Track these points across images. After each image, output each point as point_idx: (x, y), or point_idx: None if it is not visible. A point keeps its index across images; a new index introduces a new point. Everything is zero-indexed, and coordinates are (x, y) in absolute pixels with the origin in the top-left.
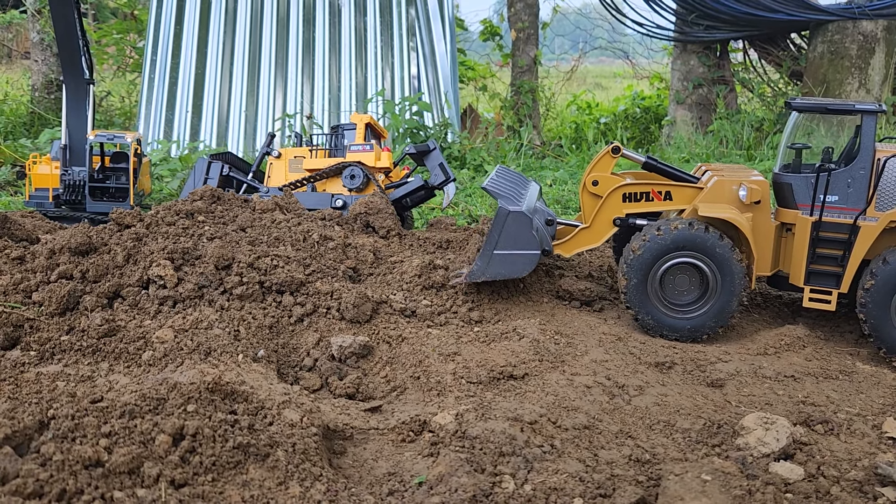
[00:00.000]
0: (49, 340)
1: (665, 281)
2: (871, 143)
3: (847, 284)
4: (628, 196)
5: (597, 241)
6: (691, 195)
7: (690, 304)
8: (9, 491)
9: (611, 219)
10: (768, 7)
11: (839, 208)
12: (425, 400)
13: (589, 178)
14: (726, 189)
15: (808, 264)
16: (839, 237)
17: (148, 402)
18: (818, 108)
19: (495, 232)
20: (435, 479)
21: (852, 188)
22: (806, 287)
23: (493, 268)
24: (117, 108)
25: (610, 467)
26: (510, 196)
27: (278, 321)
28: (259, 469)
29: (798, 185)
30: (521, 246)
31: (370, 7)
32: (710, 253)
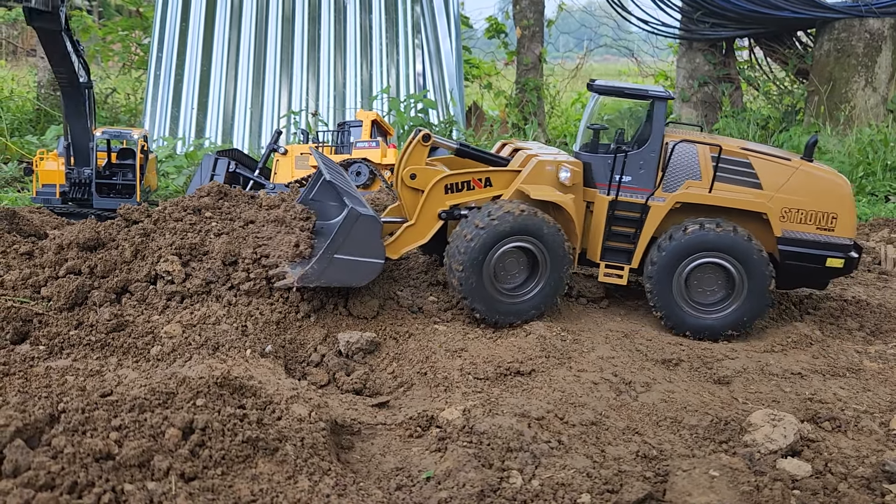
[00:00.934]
0: (58, 335)
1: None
2: (661, 127)
3: (637, 260)
4: (450, 187)
5: (424, 238)
6: (510, 179)
7: (521, 287)
8: (21, 483)
9: (436, 212)
10: (774, 5)
11: (633, 188)
12: (432, 395)
13: (406, 173)
14: (546, 171)
15: (605, 241)
16: (632, 216)
17: (157, 397)
18: (615, 90)
19: (341, 235)
20: (442, 474)
21: (644, 170)
22: (602, 262)
23: (331, 273)
24: (122, 105)
25: (617, 463)
26: (356, 196)
27: (285, 317)
28: (268, 463)
29: (596, 165)
30: (367, 253)
31: (375, 4)
32: (542, 236)
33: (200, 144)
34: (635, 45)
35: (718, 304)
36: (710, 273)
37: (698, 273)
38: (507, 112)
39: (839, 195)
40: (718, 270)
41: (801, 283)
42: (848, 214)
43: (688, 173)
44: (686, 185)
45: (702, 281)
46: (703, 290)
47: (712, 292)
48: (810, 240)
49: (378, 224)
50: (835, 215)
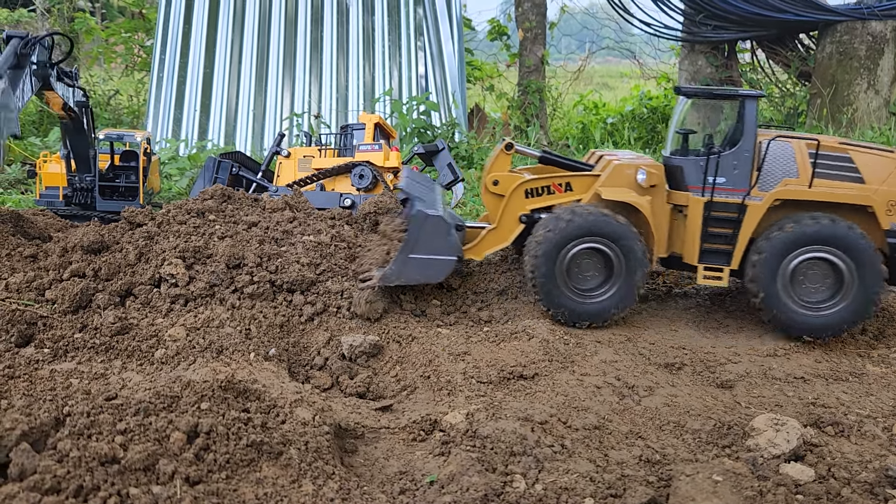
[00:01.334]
0: (62, 338)
1: (572, 268)
2: (753, 126)
3: (737, 261)
4: (530, 192)
5: (506, 241)
6: (590, 183)
7: (596, 289)
8: (27, 487)
9: (517, 216)
10: (777, 7)
11: (727, 189)
12: (436, 399)
13: (489, 179)
14: (625, 173)
15: (702, 243)
16: (729, 216)
17: (162, 400)
18: (704, 93)
19: (413, 236)
20: (446, 479)
21: (738, 170)
22: (700, 265)
23: (408, 272)
24: (125, 107)
25: (620, 467)
26: (426, 200)
27: (289, 320)
28: (272, 467)
29: (688, 168)
30: (438, 251)
31: (378, 7)
32: (613, 238)
33: (203, 146)
34: (637, 48)
35: (827, 300)
36: (815, 269)
37: (803, 269)
38: (510, 114)
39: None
40: (825, 266)
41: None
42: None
43: (784, 171)
44: (783, 183)
45: (808, 277)
46: (809, 286)
47: (820, 289)
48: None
49: (446, 223)
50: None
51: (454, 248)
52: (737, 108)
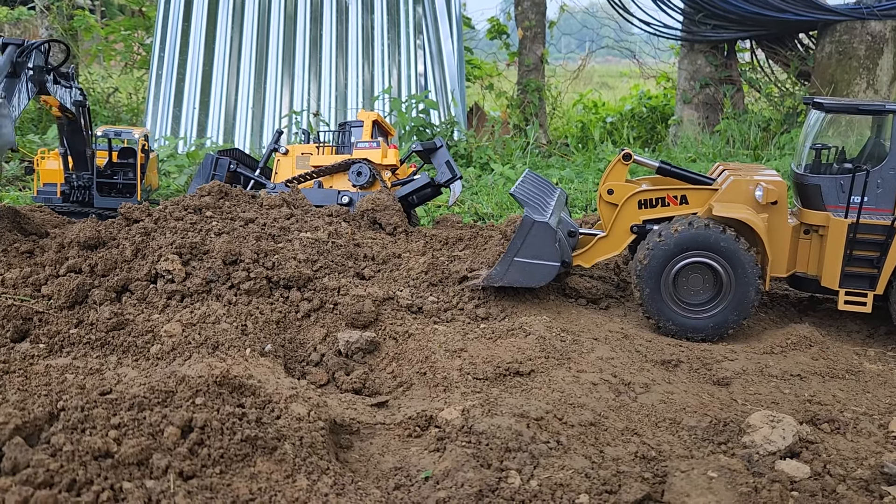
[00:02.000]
0: (58, 333)
1: (679, 282)
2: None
3: (883, 286)
4: (643, 203)
5: (616, 250)
6: (707, 197)
7: (706, 304)
8: (19, 480)
9: (628, 226)
10: (776, 7)
11: (871, 209)
12: (431, 395)
13: (604, 188)
14: (742, 189)
15: (844, 266)
16: (875, 239)
17: (157, 395)
18: (847, 108)
19: (518, 239)
20: (441, 474)
21: (882, 189)
22: (841, 290)
23: (512, 274)
24: (124, 105)
25: (616, 464)
26: (537, 205)
27: (285, 316)
28: (267, 462)
29: (827, 186)
30: (542, 256)
31: (377, 5)
32: (722, 253)
33: (202, 144)
34: (637, 47)
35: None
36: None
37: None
38: (509, 113)
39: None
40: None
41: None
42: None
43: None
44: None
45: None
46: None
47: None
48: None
49: (552, 230)
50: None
51: (557, 254)
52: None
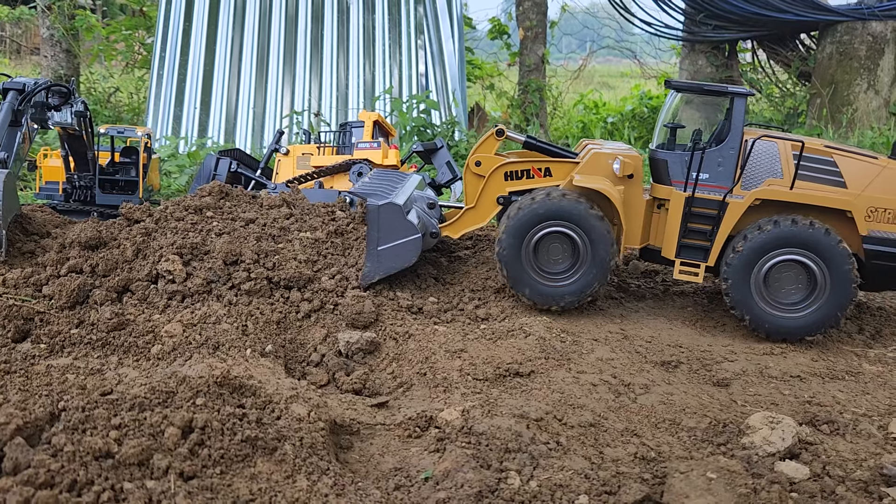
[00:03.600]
0: (59, 333)
1: (539, 251)
2: (741, 124)
3: (714, 258)
4: (510, 174)
5: (483, 220)
6: (570, 170)
7: (564, 273)
8: (20, 481)
9: (494, 197)
10: (777, 7)
11: (710, 185)
12: (431, 396)
13: (472, 160)
14: (602, 162)
15: (681, 238)
16: (709, 213)
17: (157, 395)
18: (694, 88)
19: (373, 230)
20: (441, 475)
21: (723, 167)
22: (677, 260)
23: (383, 264)
24: (126, 105)
25: (615, 465)
26: (377, 193)
27: (286, 317)
28: (267, 462)
29: (673, 162)
30: (401, 235)
31: (378, 5)
32: (580, 223)
33: (203, 144)
34: (638, 47)
35: (800, 303)
36: (790, 271)
37: (778, 271)
38: (510, 113)
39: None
40: (799, 268)
41: (890, 284)
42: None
43: (769, 171)
44: (766, 183)
45: (782, 280)
46: (783, 288)
47: (793, 291)
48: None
49: (397, 206)
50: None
51: (414, 228)
52: (727, 105)
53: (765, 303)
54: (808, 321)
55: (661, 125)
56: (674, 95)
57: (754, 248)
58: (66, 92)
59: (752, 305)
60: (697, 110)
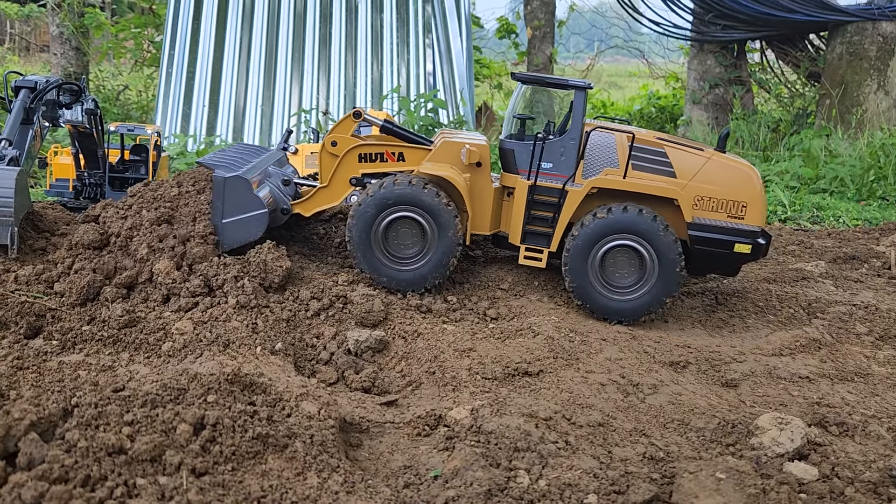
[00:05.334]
0: (71, 330)
1: (389, 236)
2: (581, 116)
3: (556, 244)
4: (364, 156)
5: (335, 200)
6: (422, 156)
7: (412, 257)
8: (35, 476)
9: (347, 178)
10: (787, 7)
11: (552, 174)
12: (440, 395)
13: (328, 139)
14: (452, 150)
15: (525, 225)
16: (551, 200)
17: (169, 392)
18: (538, 80)
19: (218, 201)
20: (450, 473)
21: (564, 157)
22: (522, 246)
23: (229, 236)
24: (134, 102)
25: (624, 464)
26: (227, 165)
27: (295, 315)
28: (278, 459)
29: (519, 151)
30: (246, 209)
31: (387, 4)
32: (427, 208)
33: (211, 142)
34: (646, 47)
35: (633, 285)
36: (623, 256)
37: (612, 256)
38: None
39: (749, 185)
40: (631, 253)
41: (712, 268)
42: (757, 203)
43: (606, 161)
44: (604, 172)
45: (616, 264)
46: (617, 272)
47: (626, 274)
48: (720, 226)
49: (244, 181)
50: (745, 204)
51: (260, 202)
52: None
53: (601, 286)
54: (640, 303)
55: (510, 116)
56: (520, 87)
57: (589, 234)
58: (76, 90)
59: (588, 289)
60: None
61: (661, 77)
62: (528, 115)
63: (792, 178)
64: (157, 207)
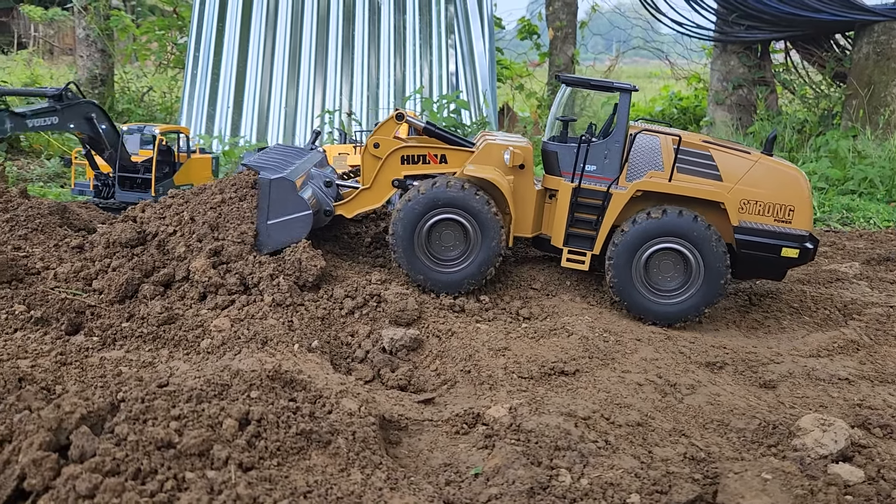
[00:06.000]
0: (111, 327)
1: (432, 238)
2: (626, 119)
3: (599, 246)
4: (406, 158)
5: (378, 202)
6: (465, 158)
7: (454, 259)
8: (88, 468)
9: (390, 180)
10: (812, 7)
11: (596, 177)
12: (477, 393)
13: (371, 141)
14: (494, 152)
15: (568, 227)
16: (594, 203)
17: (213, 388)
18: (583, 82)
19: (263, 203)
20: (491, 471)
21: (608, 159)
22: (564, 248)
23: (274, 237)
24: (158, 104)
25: (665, 464)
26: (271, 167)
27: (330, 313)
28: (321, 455)
29: (563, 154)
30: (291, 210)
31: (409, 5)
32: (470, 210)
33: (236, 143)
34: (668, 47)
35: (678, 289)
36: (668, 259)
37: (657, 259)
38: (539, 113)
39: (797, 189)
40: (676, 256)
41: (758, 273)
42: (805, 207)
43: (651, 163)
44: (649, 175)
45: (661, 267)
46: (661, 275)
47: (671, 277)
48: (767, 230)
49: (289, 182)
50: (792, 208)
51: (305, 203)
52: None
53: (645, 289)
54: (684, 307)
55: (553, 118)
56: (564, 89)
57: (635, 236)
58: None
59: (632, 292)
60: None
61: (684, 78)
62: (571, 118)
63: (820, 179)
64: (198, 209)
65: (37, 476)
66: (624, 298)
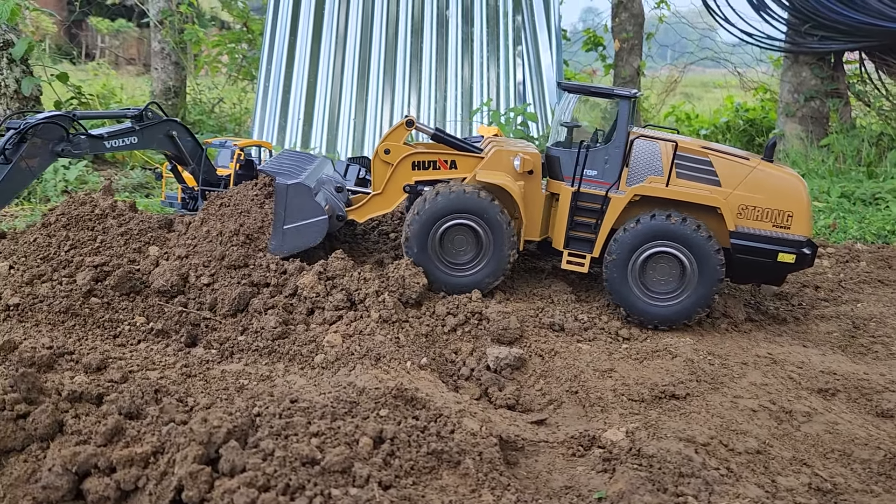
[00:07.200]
0: (227, 340)
1: (444, 242)
2: (626, 124)
3: (598, 249)
4: (417, 164)
5: (389, 207)
6: (474, 164)
7: (468, 263)
8: (243, 482)
9: (401, 185)
10: (890, 17)
11: (596, 181)
12: (588, 415)
13: (381, 147)
14: (504, 159)
15: (568, 230)
16: (594, 207)
17: (343, 405)
18: (583, 89)
19: (280, 208)
20: (615, 496)
21: (609, 164)
22: (565, 251)
23: (289, 242)
24: (229, 115)
25: (791, 494)
26: (287, 172)
27: (433, 330)
28: (452, 475)
29: (565, 159)
30: (307, 215)
31: (477, 16)
32: (482, 215)
33: None
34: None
35: (672, 292)
36: (663, 262)
37: (653, 262)
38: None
39: (796, 195)
40: (672, 260)
41: (754, 277)
42: (803, 213)
43: (650, 168)
44: (648, 180)
45: (656, 270)
46: (657, 279)
47: (666, 281)
48: (764, 235)
49: (306, 188)
50: (791, 213)
51: (321, 208)
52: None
53: (640, 292)
54: (679, 309)
55: (556, 124)
56: (567, 96)
57: (630, 239)
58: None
59: (628, 294)
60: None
61: (752, 89)
62: (574, 123)
63: None
64: None
65: (194, 488)
66: (620, 299)
